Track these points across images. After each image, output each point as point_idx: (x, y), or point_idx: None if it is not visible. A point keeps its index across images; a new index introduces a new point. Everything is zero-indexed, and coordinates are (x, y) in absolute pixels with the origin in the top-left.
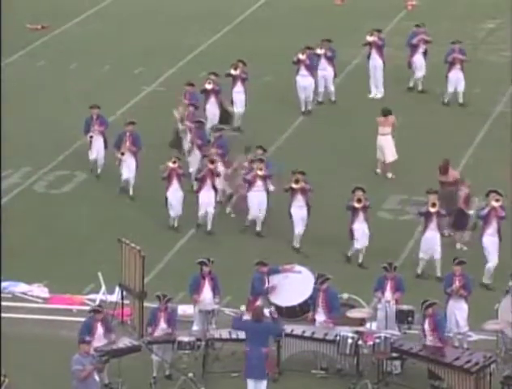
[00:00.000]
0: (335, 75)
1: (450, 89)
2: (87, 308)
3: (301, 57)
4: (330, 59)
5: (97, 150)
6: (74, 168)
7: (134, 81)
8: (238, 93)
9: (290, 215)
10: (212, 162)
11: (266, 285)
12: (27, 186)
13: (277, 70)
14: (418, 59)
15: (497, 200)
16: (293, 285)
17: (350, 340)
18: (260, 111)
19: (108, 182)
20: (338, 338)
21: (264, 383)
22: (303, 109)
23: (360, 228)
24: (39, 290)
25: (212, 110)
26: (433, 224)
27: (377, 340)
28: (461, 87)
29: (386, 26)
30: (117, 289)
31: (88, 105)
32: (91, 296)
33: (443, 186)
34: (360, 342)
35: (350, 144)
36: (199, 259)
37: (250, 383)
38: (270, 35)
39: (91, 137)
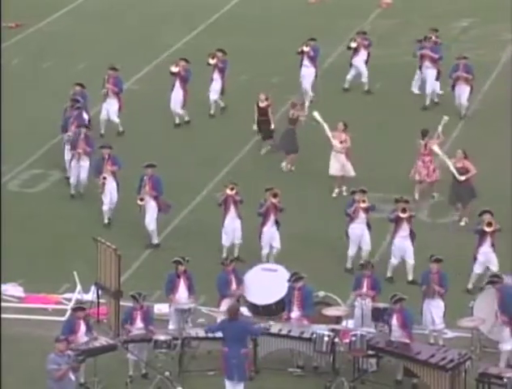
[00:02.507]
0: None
1: (457, 102)
2: (63, 307)
3: (305, 48)
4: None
5: (110, 192)
6: (49, 167)
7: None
8: (215, 81)
9: (392, 244)
10: (275, 196)
11: (234, 286)
12: (2, 185)
13: (252, 68)
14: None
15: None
16: (269, 283)
17: (326, 338)
18: (235, 109)
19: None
20: (314, 336)
21: (242, 385)
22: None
23: (486, 253)
24: (14, 289)
25: (173, 94)
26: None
27: (354, 338)
28: (460, 100)
29: (360, 24)
30: (93, 288)
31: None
32: (67, 295)
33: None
34: (336, 340)
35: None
36: (174, 258)
37: (229, 384)
38: (246, 33)
39: (105, 178)
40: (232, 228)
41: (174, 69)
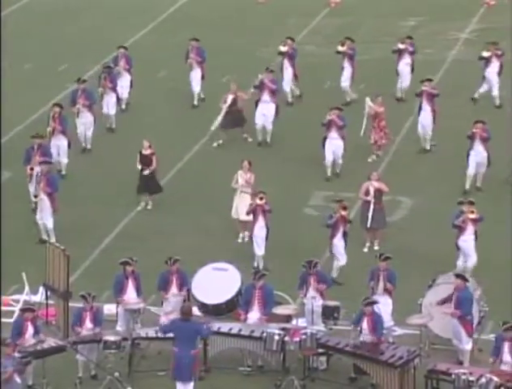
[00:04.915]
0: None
1: (329, 159)
2: (12, 309)
3: (401, 46)
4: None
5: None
6: None
7: (58, 78)
8: (345, 68)
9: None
10: (345, 208)
11: (174, 288)
12: None
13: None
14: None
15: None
16: (219, 282)
17: (276, 337)
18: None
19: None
20: (264, 335)
21: (191, 384)
22: (399, 95)
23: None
24: None
25: (284, 74)
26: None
27: (304, 336)
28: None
29: (308, 23)
30: (41, 289)
31: (11, 105)
32: (16, 296)
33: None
34: (286, 338)
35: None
36: (122, 259)
37: (179, 385)
38: (195, 32)
39: (32, 169)
40: (261, 239)
41: (283, 48)
